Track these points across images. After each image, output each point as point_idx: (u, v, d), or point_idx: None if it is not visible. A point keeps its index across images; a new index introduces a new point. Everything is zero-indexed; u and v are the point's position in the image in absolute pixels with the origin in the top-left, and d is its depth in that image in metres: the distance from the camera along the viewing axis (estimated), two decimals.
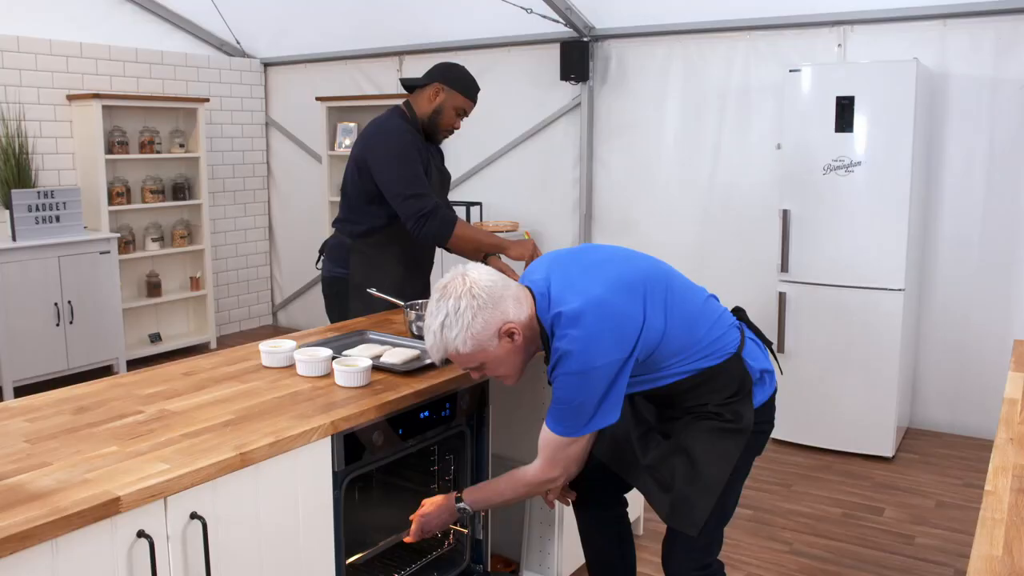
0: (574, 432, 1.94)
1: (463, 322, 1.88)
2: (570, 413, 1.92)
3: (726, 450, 2.03)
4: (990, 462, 1.67)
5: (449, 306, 1.89)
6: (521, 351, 1.97)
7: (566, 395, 1.90)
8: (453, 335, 1.88)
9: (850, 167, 4.20)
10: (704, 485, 2.02)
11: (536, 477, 2.04)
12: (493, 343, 1.92)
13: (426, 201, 2.97)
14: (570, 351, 1.87)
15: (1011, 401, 2.07)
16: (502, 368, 1.98)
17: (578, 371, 1.87)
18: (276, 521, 1.81)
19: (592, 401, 1.90)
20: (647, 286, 1.97)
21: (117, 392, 2.07)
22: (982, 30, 4.37)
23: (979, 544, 1.31)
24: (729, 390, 2.03)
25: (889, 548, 3.38)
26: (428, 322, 1.93)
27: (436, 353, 1.94)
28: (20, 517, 1.38)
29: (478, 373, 2.01)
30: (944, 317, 4.63)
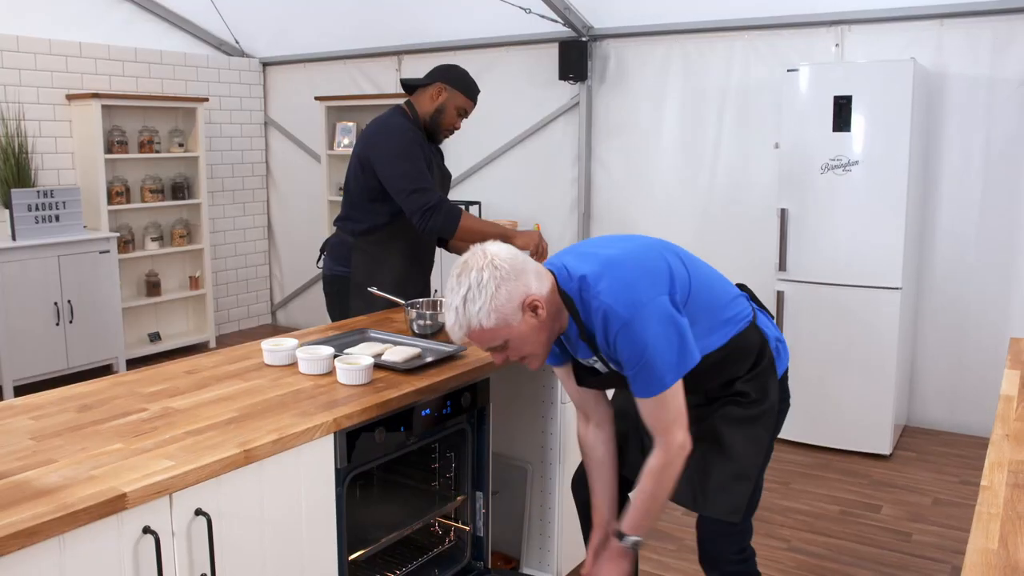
0: (662, 386, 1.88)
1: (486, 294, 1.82)
2: (647, 370, 1.86)
3: (756, 434, 2.06)
4: (986, 458, 1.69)
5: (472, 279, 1.83)
6: (545, 327, 1.91)
7: (632, 351, 1.85)
8: (476, 308, 1.82)
9: (848, 166, 4.22)
10: (740, 471, 2.05)
11: (667, 452, 1.95)
12: (517, 317, 1.85)
13: (431, 195, 2.99)
14: (610, 304, 1.84)
15: (1007, 398, 2.09)
16: (527, 346, 1.91)
17: (627, 320, 1.83)
18: (280, 517, 1.83)
19: (660, 344, 1.84)
20: (660, 248, 2.00)
21: (120, 390, 2.09)
22: (979, 30, 4.39)
23: (975, 538, 1.33)
24: (750, 360, 2.06)
25: (887, 545, 3.40)
26: (448, 299, 1.86)
27: (458, 330, 1.87)
28: (27, 513, 1.39)
29: (502, 356, 1.93)
30: (941, 315, 4.65)
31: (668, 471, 1.96)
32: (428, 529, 2.62)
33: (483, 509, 2.55)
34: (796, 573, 3.17)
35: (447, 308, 1.88)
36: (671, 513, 3.57)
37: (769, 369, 2.08)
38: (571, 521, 2.90)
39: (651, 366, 1.85)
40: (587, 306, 1.90)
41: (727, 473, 2.06)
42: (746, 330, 2.06)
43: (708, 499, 2.07)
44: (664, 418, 1.92)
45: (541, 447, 2.87)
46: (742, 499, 2.06)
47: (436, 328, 2.61)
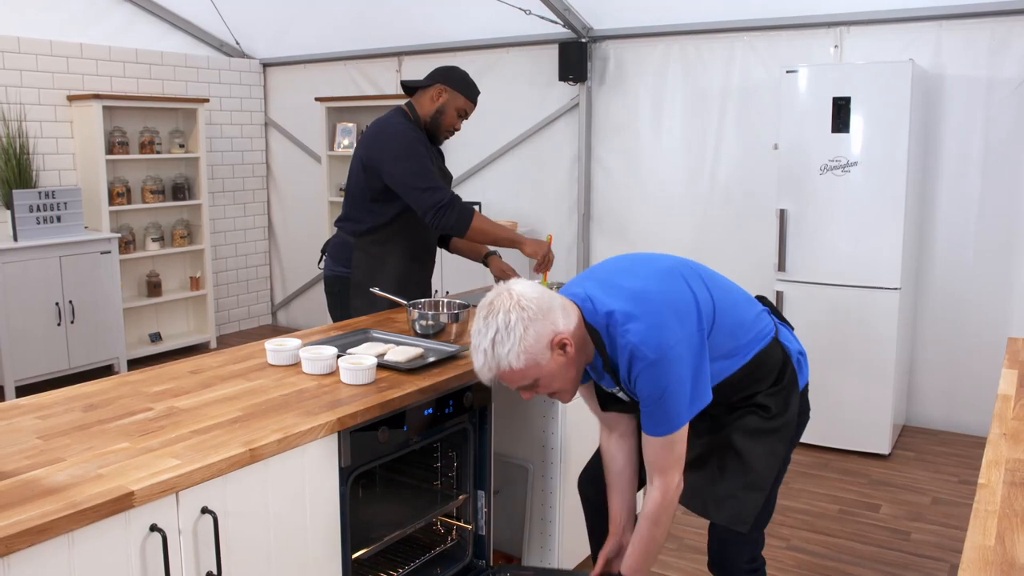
0: (675, 427, 1.90)
1: (515, 336, 1.82)
2: (662, 410, 1.88)
3: (774, 447, 2.07)
4: (983, 456, 1.71)
5: (499, 321, 1.83)
6: (574, 363, 1.92)
7: (652, 391, 1.86)
8: (506, 351, 1.82)
9: (846, 167, 4.24)
10: (753, 482, 2.06)
11: (664, 493, 1.97)
12: (546, 356, 1.85)
13: (443, 193, 3.00)
14: (637, 344, 1.84)
15: (1004, 397, 2.11)
16: (556, 383, 1.92)
17: (654, 359, 1.83)
18: (284, 516, 1.84)
19: (679, 388, 1.85)
20: (680, 270, 2.00)
21: (125, 390, 2.10)
22: (977, 31, 4.41)
23: (972, 535, 1.35)
24: (772, 375, 2.06)
25: (885, 544, 3.42)
26: (476, 341, 1.86)
27: (487, 372, 1.87)
28: (37, 511, 1.41)
29: (530, 392, 1.94)
30: (940, 315, 4.67)
31: (666, 513, 1.99)
32: (430, 528, 2.63)
33: (485, 508, 2.57)
34: (796, 572, 3.19)
35: (475, 350, 1.87)
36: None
37: (792, 384, 2.09)
38: (571, 520, 2.92)
39: (666, 407, 1.87)
40: (613, 342, 1.90)
41: (740, 482, 2.07)
42: (769, 346, 2.06)
43: (718, 506, 2.08)
44: (667, 459, 1.94)
45: (542, 447, 2.89)
46: (752, 509, 2.06)
47: (438, 328, 2.63)
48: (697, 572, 3.15)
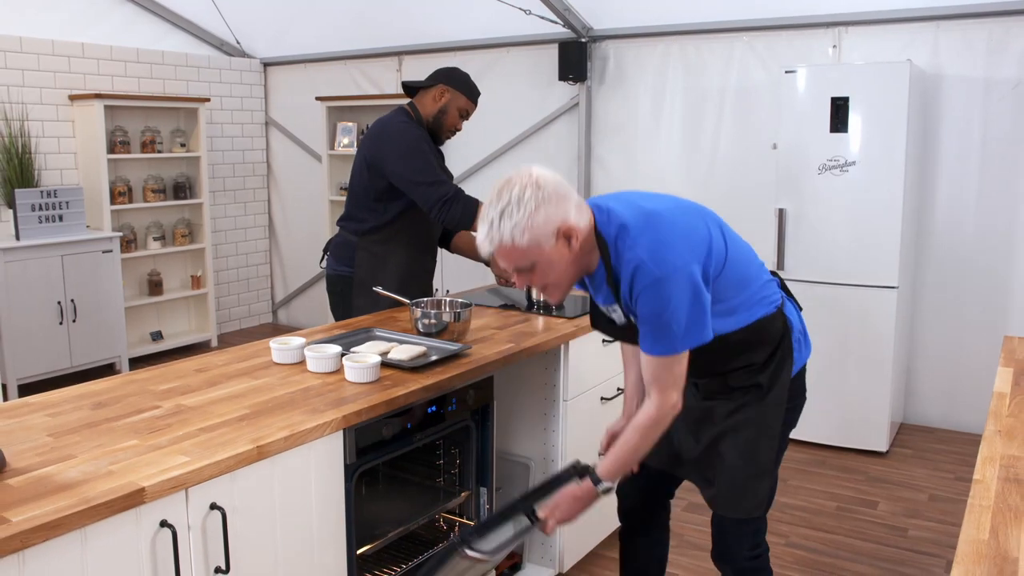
0: (672, 349, 1.88)
1: (525, 211, 1.80)
2: (662, 329, 1.86)
3: (771, 430, 2.09)
4: (979, 453, 1.73)
5: (513, 194, 1.82)
6: (575, 260, 1.90)
7: (652, 309, 1.85)
8: (512, 224, 1.80)
9: (845, 167, 4.27)
10: (758, 469, 2.09)
11: (659, 409, 1.96)
12: (550, 242, 1.83)
13: (448, 187, 3.04)
14: (644, 259, 1.83)
15: (1000, 395, 2.14)
16: (552, 274, 1.90)
17: (657, 278, 1.82)
18: (291, 512, 1.87)
19: (680, 311, 1.84)
20: (704, 213, 2.01)
21: (132, 388, 2.13)
22: (974, 31, 4.44)
23: (967, 529, 1.38)
24: (771, 347, 2.07)
25: (883, 540, 3.45)
26: (486, 211, 1.84)
27: (488, 245, 1.85)
28: (51, 507, 1.44)
29: (525, 279, 1.92)
30: (938, 314, 4.70)
31: (656, 428, 1.98)
32: (432, 524, 2.66)
33: (487, 505, 2.60)
34: (794, 568, 3.22)
35: (482, 219, 1.85)
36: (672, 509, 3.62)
37: (786, 360, 2.09)
38: None
39: (666, 328, 1.86)
40: (620, 255, 1.89)
41: (747, 474, 2.10)
42: (773, 315, 2.07)
43: (731, 502, 2.12)
44: (664, 378, 1.93)
45: (543, 444, 2.92)
46: (763, 495, 2.12)
47: (441, 327, 2.65)
48: (699, 568, 3.18)
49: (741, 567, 2.21)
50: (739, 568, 2.21)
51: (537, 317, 3.03)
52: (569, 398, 2.86)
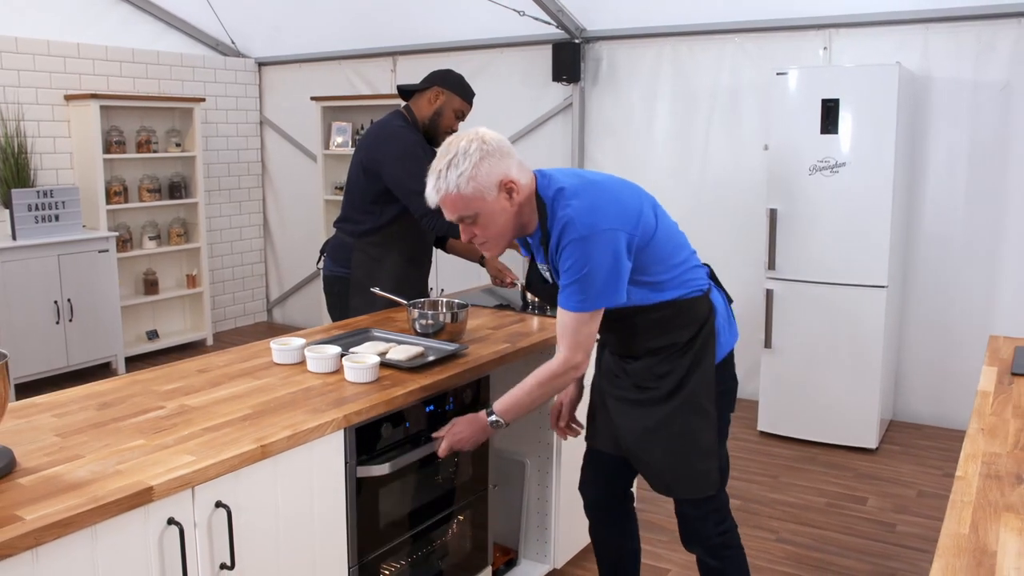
0: (586, 306, 2.02)
1: (470, 162, 1.98)
2: (579, 286, 2.00)
3: (705, 411, 2.18)
4: (962, 450, 1.79)
5: (460, 147, 1.99)
6: (515, 215, 2.06)
7: (574, 264, 1.98)
8: (457, 174, 1.98)
9: (835, 168, 4.32)
10: (700, 450, 2.18)
11: (562, 365, 2.10)
12: (492, 194, 2.01)
13: None
14: (573, 218, 1.98)
15: (984, 393, 2.20)
16: (492, 227, 2.05)
17: (582, 236, 1.97)
18: (294, 509, 1.92)
19: (599, 271, 1.98)
20: (641, 192, 2.16)
21: (136, 388, 2.17)
22: (963, 34, 4.50)
23: (948, 523, 1.43)
24: (694, 328, 2.17)
25: (871, 536, 3.51)
26: (434, 164, 2.02)
27: (435, 194, 2.02)
28: (61, 505, 1.48)
29: (468, 232, 2.08)
30: (926, 313, 4.77)
31: (554, 382, 2.13)
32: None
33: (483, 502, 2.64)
34: (784, 563, 3.28)
35: (430, 172, 2.03)
36: (663, 506, 3.67)
37: (709, 342, 2.19)
38: (567, 513, 3.00)
39: (584, 285, 2.00)
40: (554, 214, 2.04)
41: (692, 458, 2.19)
42: (698, 297, 2.18)
43: (682, 484, 2.21)
44: (575, 335, 2.07)
45: (539, 442, 2.97)
46: (714, 474, 2.21)
47: (438, 327, 2.70)
48: (689, 563, 3.23)
49: (712, 545, 2.29)
50: (710, 547, 2.29)
51: (532, 317, 3.08)
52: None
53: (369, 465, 2.14)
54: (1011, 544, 1.36)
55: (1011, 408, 2.07)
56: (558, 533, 3.01)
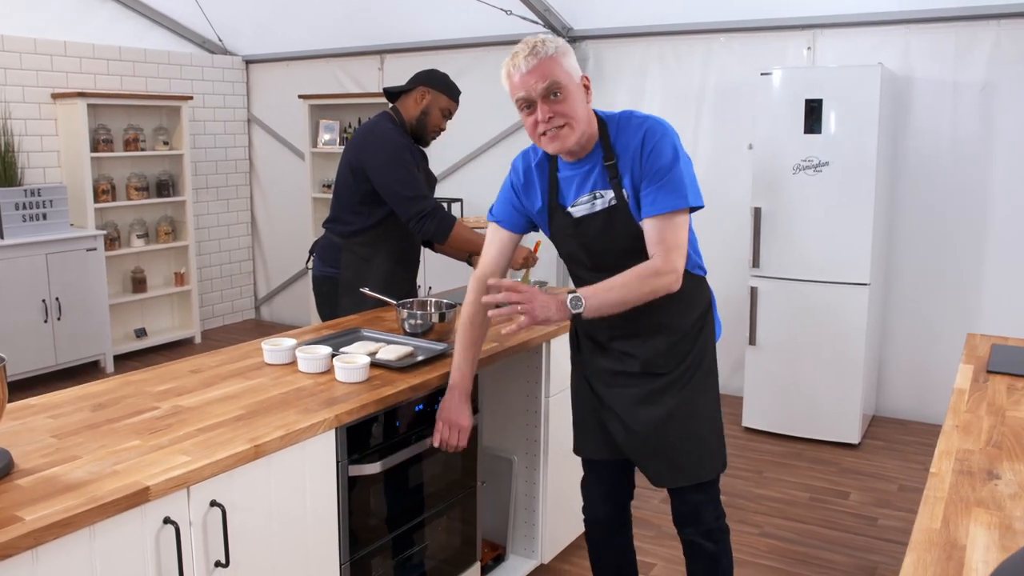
0: (683, 200, 2.06)
1: (562, 43, 2.07)
2: (673, 181, 2.06)
3: (713, 390, 2.28)
4: (936, 447, 1.84)
5: (548, 37, 2.07)
6: (588, 112, 2.11)
7: (666, 161, 2.06)
8: (554, 46, 2.04)
9: (818, 167, 4.38)
10: (716, 429, 2.28)
11: (663, 264, 2.04)
12: (577, 76, 2.07)
13: (426, 202, 3.12)
14: (652, 122, 2.11)
15: (959, 391, 2.26)
16: (575, 107, 2.05)
17: (666, 132, 2.09)
18: (287, 508, 1.95)
19: (685, 166, 2.08)
20: None
21: (130, 389, 2.20)
22: (943, 35, 4.57)
23: (921, 518, 1.49)
24: (698, 310, 2.26)
25: (854, 529, 3.58)
26: (523, 46, 2.05)
27: (531, 58, 2.02)
28: (60, 506, 1.51)
29: (549, 109, 2.03)
30: (909, 310, 4.84)
31: (653, 280, 2.04)
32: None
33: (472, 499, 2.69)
34: (768, 557, 3.34)
35: (521, 48, 2.05)
36: (648, 501, 3.73)
37: (710, 328, 2.30)
38: (554, 509, 3.05)
39: (678, 179, 2.06)
40: (627, 125, 2.13)
41: (709, 437, 2.26)
42: (703, 278, 2.29)
43: (698, 467, 2.26)
44: (672, 238, 2.06)
45: (526, 440, 3.02)
46: (723, 451, 2.31)
47: (426, 327, 2.74)
48: (674, 557, 3.29)
49: (710, 529, 2.34)
50: (708, 531, 2.34)
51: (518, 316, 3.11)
52: (551, 394, 2.95)
53: (360, 464, 2.18)
54: (980, 538, 1.41)
55: (985, 405, 2.13)
56: (545, 529, 3.06)
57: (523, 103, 2.08)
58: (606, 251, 2.18)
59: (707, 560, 2.36)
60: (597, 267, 2.20)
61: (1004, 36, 4.43)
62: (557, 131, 2.07)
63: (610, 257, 2.17)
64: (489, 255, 2.38)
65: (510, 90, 2.10)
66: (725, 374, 4.64)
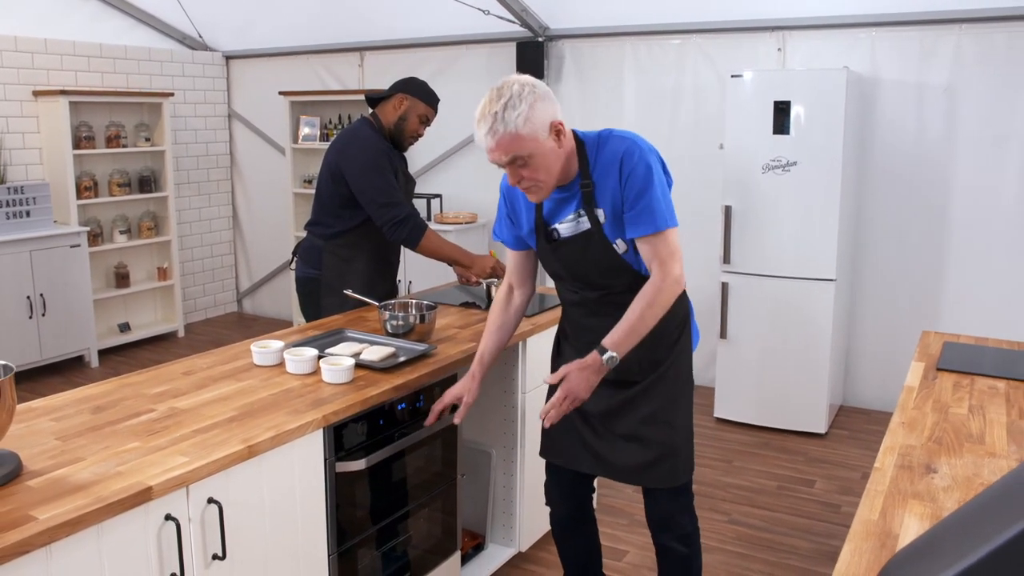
0: (665, 222, 2.17)
1: (526, 104, 2.06)
2: (653, 204, 2.16)
3: (686, 396, 2.39)
4: (882, 443, 1.99)
5: (514, 90, 2.07)
6: (562, 157, 2.17)
7: (643, 185, 2.16)
8: (516, 114, 2.05)
9: (787, 167, 4.53)
10: (685, 432, 2.39)
11: (664, 281, 2.17)
12: (544, 135, 2.10)
13: (400, 209, 3.24)
14: (629, 146, 2.19)
15: (909, 388, 2.41)
16: (542, 170, 2.13)
17: (643, 158, 2.17)
18: (278, 503, 2.08)
19: (661, 190, 2.18)
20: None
21: (127, 392, 2.31)
22: (907, 39, 4.72)
23: (861, 511, 1.63)
24: (677, 320, 2.35)
25: (817, 516, 3.75)
26: (485, 109, 2.08)
27: (490, 138, 2.08)
28: (70, 505, 1.63)
29: (518, 175, 2.14)
30: (873, 304, 5.02)
31: (660, 297, 2.18)
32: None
33: (453, 491, 2.82)
34: (735, 543, 3.50)
35: (482, 117, 2.09)
36: (622, 491, 3.89)
37: (688, 335, 2.41)
38: (531, 501, 3.19)
39: (656, 202, 2.17)
40: (603, 147, 2.22)
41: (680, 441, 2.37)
42: (683, 293, 2.37)
43: (671, 472, 2.37)
44: (664, 251, 2.19)
45: (504, 434, 3.15)
46: (692, 457, 2.43)
47: (408, 328, 2.86)
48: (646, 545, 3.44)
49: (685, 533, 2.47)
50: (683, 535, 2.47)
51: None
52: (527, 390, 3.09)
53: (346, 461, 2.30)
54: (913, 527, 1.56)
55: (931, 403, 2.28)
56: (522, 519, 3.20)
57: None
58: (587, 271, 2.32)
59: (680, 563, 2.49)
60: (579, 285, 2.36)
61: (965, 40, 4.59)
62: (528, 188, 2.21)
63: (591, 276, 2.33)
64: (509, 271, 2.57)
65: None
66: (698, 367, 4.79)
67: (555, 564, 3.20)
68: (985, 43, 4.55)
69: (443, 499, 2.81)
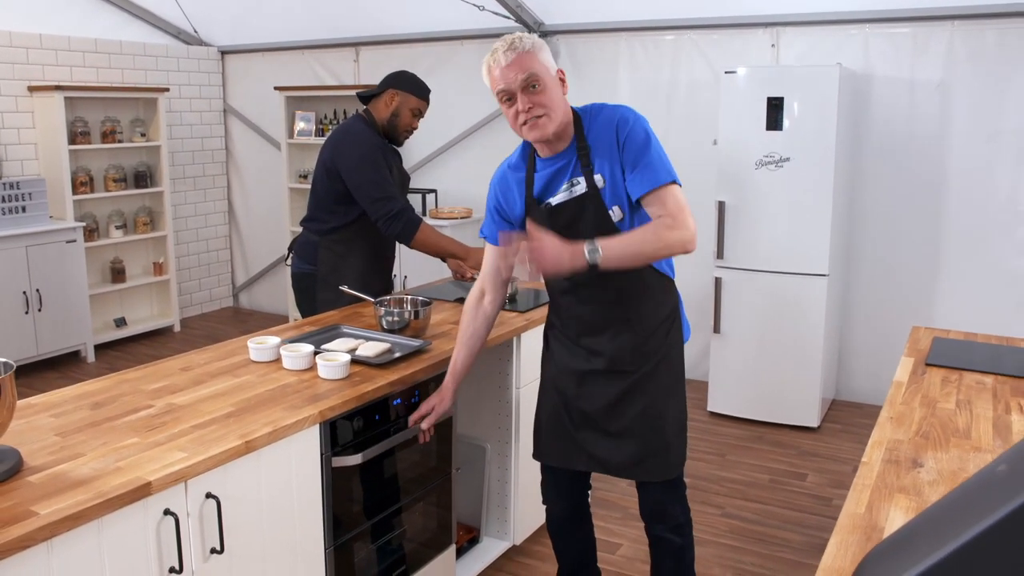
0: (669, 175, 2.20)
1: (538, 41, 2.21)
2: (656, 162, 2.19)
3: (679, 390, 2.41)
4: (870, 438, 2.03)
5: (524, 34, 2.21)
6: (564, 104, 2.23)
7: (643, 140, 2.20)
8: (530, 42, 2.18)
9: (780, 162, 4.56)
10: (679, 425, 2.42)
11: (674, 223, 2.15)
12: (552, 71, 2.21)
13: (394, 203, 3.27)
14: (622, 109, 2.24)
15: (898, 384, 2.44)
16: (552, 96, 2.18)
17: (638, 117, 2.22)
18: (275, 498, 2.11)
19: (662, 150, 2.22)
20: None
21: (125, 388, 2.34)
22: (900, 34, 4.75)
23: (848, 504, 1.67)
24: (670, 307, 2.40)
25: (809, 510, 3.78)
26: (497, 44, 2.18)
27: (509, 52, 2.15)
28: (71, 500, 1.65)
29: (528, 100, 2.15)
30: (866, 299, 5.06)
31: (668, 234, 2.14)
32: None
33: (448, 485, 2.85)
34: (727, 536, 3.54)
35: (497, 48, 2.18)
36: (616, 484, 3.92)
37: (679, 327, 2.43)
38: (525, 494, 3.23)
39: (658, 157, 2.20)
40: (598, 115, 2.25)
41: (673, 433, 2.40)
42: (672, 282, 2.42)
43: (665, 465, 2.40)
44: (674, 204, 2.18)
45: (498, 428, 3.19)
46: (685, 449, 2.46)
47: (403, 324, 2.88)
48: (639, 538, 3.47)
49: (679, 524, 2.51)
50: (676, 525, 2.51)
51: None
52: (521, 385, 3.12)
53: (342, 455, 2.33)
54: (898, 520, 1.59)
55: (920, 398, 2.32)
56: (517, 512, 3.24)
57: (504, 95, 2.21)
58: (581, 239, 2.25)
59: (674, 554, 2.53)
60: None
61: (957, 36, 4.62)
62: (536, 120, 2.19)
63: None
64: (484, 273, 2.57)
65: (491, 84, 2.23)
66: (691, 361, 4.82)
67: (550, 557, 3.23)
68: (977, 39, 4.58)
69: (438, 493, 2.84)
